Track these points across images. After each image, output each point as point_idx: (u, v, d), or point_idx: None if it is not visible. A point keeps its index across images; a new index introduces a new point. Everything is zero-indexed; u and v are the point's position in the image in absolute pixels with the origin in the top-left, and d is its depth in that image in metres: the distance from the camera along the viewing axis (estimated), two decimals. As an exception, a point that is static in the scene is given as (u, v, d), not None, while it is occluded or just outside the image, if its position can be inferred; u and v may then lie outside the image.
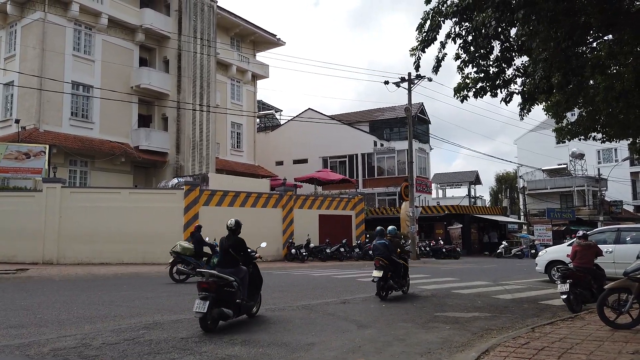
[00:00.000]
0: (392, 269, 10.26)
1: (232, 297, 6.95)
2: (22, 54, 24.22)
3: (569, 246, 13.24)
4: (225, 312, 6.74)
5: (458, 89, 9.46)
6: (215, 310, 6.62)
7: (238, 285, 7.11)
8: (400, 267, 10.54)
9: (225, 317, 6.79)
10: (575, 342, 5.73)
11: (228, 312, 6.80)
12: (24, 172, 20.49)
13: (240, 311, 7.27)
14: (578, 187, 43.65)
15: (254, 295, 7.79)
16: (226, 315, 6.78)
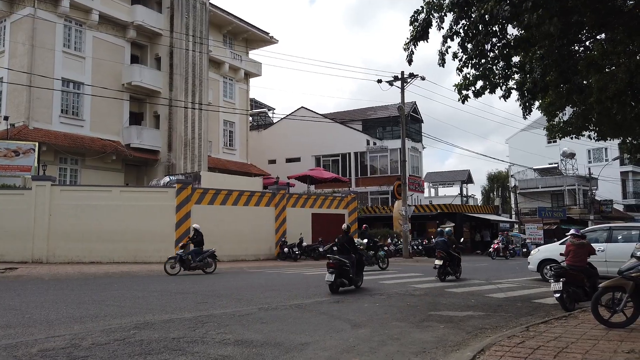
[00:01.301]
0: (449, 259, 13.82)
1: (347, 273, 10.94)
2: (11, 50, 23.89)
3: (561, 244, 13.30)
4: (343, 281, 10.89)
5: (460, 89, 9.44)
6: (338, 280, 10.70)
7: (350, 266, 10.97)
8: (455, 258, 14.19)
9: (343, 284, 10.92)
10: (570, 341, 5.71)
11: (345, 281, 10.93)
12: (13, 169, 20.22)
13: (351, 283, 11.20)
14: (569, 187, 43.99)
15: (359, 274, 11.67)
16: (344, 283, 10.94)
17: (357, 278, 11.57)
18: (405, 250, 25.60)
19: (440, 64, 8.70)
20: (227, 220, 21.17)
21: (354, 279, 11.25)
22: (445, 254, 13.66)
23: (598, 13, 8.10)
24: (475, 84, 9.22)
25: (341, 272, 10.79)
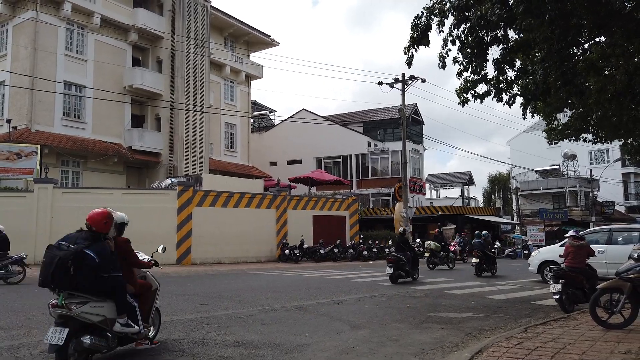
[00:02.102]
0: (485, 258, 16.08)
1: (403, 267, 13.31)
2: (13, 53, 24.02)
3: (561, 246, 13.32)
4: (401, 273, 13.26)
5: (460, 93, 9.49)
6: (396, 272, 13.17)
7: (405, 261, 13.34)
8: (490, 257, 16.47)
9: (401, 276, 13.28)
10: (568, 342, 5.74)
11: (402, 274, 13.28)
12: (15, 172, 20.31)
13: (408, 275, 13.49)
14: (570, 188, 43.94)
15: (415, 268, 13.95)
16: (402, 275, 13.30)
17: (413, 271, 13.88)
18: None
19: (440, 66, 8.75)
20: (228, 223, 21.23)
21: (410, 272, 13.66)
22: (481, 253, 16.04)
23: (596, 15, 8.14)
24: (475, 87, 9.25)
25: (398, 266, 13.29)
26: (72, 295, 4.64)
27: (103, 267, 4.72)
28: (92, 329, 4.70)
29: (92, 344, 4.61)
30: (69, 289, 4.63)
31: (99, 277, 4.70)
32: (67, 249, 4.73)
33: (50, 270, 4.61)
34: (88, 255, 4.65)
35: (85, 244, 4.77)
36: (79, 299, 4.65)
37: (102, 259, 4.72)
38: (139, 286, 5.55)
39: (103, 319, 4.73)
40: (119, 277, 4.94)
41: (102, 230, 5.09)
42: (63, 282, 4.59)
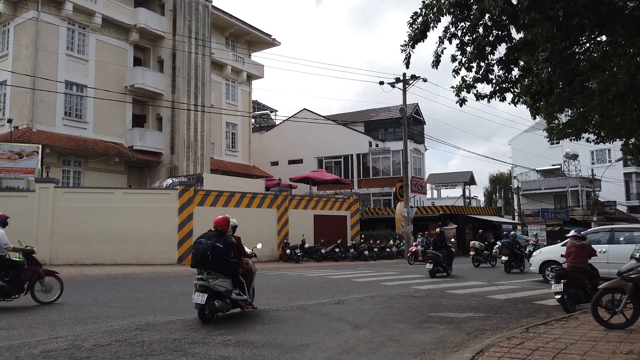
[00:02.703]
0: (513, 256, 17.71)
1: (441, 263, 15.43)
2: (15, 53, 24.04)
3: (562, 246, 13.29)
4: (439, 269, 15.39)
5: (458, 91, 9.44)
6: (435, 268, 15.23)
7: (442, 258, 15.47)
8: (518, 256, 18.09)
9: (439, 271, 15.40)
10: (569, 342, 5.72)
11: (440, 269, 15.45)
12: (16, 172, 20.33)
13: (444, 270, 15.57)
14: (572, 188, 43.87)
15: (450, 264, 15.97)
16: (439, 270, 15.43)
17: (448, 267, 15.85)
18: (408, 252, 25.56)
19: (434, 65, 8.71)
20: (229, 222, 21.21)
21: (446, 268, 15.68)
22: (510, 252, 17.56)
23: (598, 14, 8.12)
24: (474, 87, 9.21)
25: (437, 262, 15.39)
26: (210, 274, 7.17)
27: (226, 252, 7.23)
28: (219, 296, 7.23)
29: (219, 306, 7.23)
30: (208, 269, 7.18)
31: (225, 260, 7.22)
32: (206, 244, 7.21)
33: (197, 257, 7.24)
34: (218, 246, 7.16)
35: (215, 240, 7.26)
36: (213, 276, 7.19)
37: (225, 247, 7.23)
38: (245, 269, 8.00)
39: (226, 289, 7.28)
40: (235, 262, 7.49)
41: (224, 230, 7.51)
42: (205, 264, 7.18)
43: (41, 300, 8.95)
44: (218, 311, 7.31)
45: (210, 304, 7.14)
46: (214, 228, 7.48)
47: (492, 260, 21.45)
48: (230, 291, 7.34)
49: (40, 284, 9.05)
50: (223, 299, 7.28)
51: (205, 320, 7.12)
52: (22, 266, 8.88)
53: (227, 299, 7.33)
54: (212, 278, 7.16)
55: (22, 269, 8.86)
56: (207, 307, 7.14)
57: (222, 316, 7.54)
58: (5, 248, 8.82)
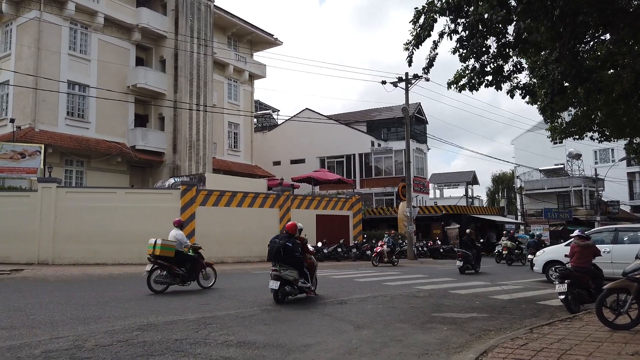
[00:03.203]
0: None
1: (470, 261, 17.00)
2: (17, 53, 24.06)
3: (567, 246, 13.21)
4: (468, 266, 16.90)
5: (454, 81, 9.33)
6: (465, 265, 16.83)
7: (472, 257, 17.02)
8: None
9: (468, 269, 16.90)
10: (574, 343, 5.67)
11: (469, 266, 16.95)
12: (19, 171, 20.35)
13: (473, 268, 17.18)
14: (575, 188, 43.71)
15: (478, 263, 17.58)
16: (469, 268, 16.93)
17: (477, 265, 17.46)
18: (410, 252, 25.52)
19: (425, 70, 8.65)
20: (231, 222, 21.20)
21: (475, 265, 17.30)
22: (535, 251, 17.90)
23: (602, 13, 8.06)
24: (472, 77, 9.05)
25: (466, 260, 16.96)
26: (282, 266, 9.26)
27: (294, 250, 9.33)
28: (289, 283, 9.31)
29: (289, 290, 9.34)
30: (280, 262, 9.27)
31: (293, 255, 9.31)
32: (278, 243, 9.33)
33: (272, 253, 9.33)
34: (287, 245, 9.27)
35: (285, 240, 9.39)
36: (284, 267, 9.26)
37: (293, 246, 9.36)
38: (309, 263, 10.03)
39: (293, 278, 9.32)
40: (300, 258, 9.54)
41: (293, 232, 9.69)
42: (278, 259, 9.27)
43: (203, 285, 11.61)
44: (288, 295, 9.43)
45: (281, 289, 9.25)
46: (285, 231, 9.82)
47: (523, 259, 22.68)
48: (297, 280, 9.42)
49: (202, 273, 11.65)
50: (292, 286, 9.38)
51: (279, 301, 9.23)
52: (196, 260, 11.47)
53: (295, 286, 9.40)
54: (283, 269, 9.26)
55: (196, 261, 11.45)
56: (280, 292, 9.24)
57: (291, 299, 9.59)
58: (185, 246, 11.50)
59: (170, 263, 10.88)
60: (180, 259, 11.10)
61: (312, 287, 10.00)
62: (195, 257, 11.48)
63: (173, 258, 10.94)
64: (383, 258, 20.74)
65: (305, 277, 9.68)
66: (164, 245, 10.92)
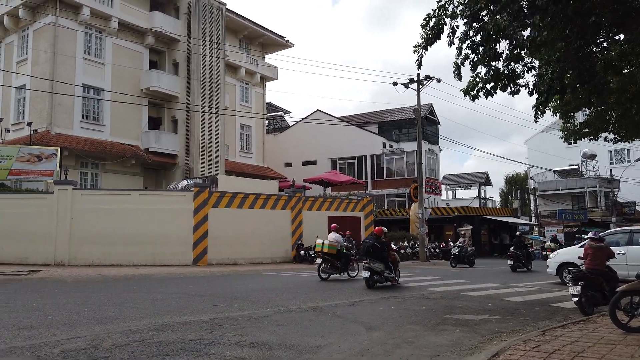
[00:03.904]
0: None
1: (520, 260, 18.82)
2: (34, 57, 24.52)
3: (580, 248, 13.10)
4: (519, 265, 18.91)
5: (468, 89, 9.38)
6: (516, 264, 18.90)
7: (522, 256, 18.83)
8: None
9: (520, 267, 19.02)
10: (587, 346, 5.65)
11: (520, 265, 19.01)
12: (36, 174, 20.72)
13: (524, 266, 19.13)
14: (590, 188, 43.18)
15: (529, 261, 19.48)
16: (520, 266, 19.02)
17: (528, 263, 19.40)
18: (422, 254, 25.47)
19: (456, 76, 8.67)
20: (243, 224, 21.34)
21: (526, 264, 19.18)
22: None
23: (615, 13, 8.01)
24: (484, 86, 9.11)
25: (517, 259, 18.93)
26: (372, 260, 12.09)
27: (381, 248, 12.19)
28: (377, 273, 12.05)
29: (377, 279, 12.12)
30: (370, 258, 12.14)
31: (380, 253, 12.14)
32: (369, 243, 12.34)
33: (364, 250, 12.34)
34: (376, 245, 12.19)
35: (374, 240, 12.38)
36: (373, 261, 12.08)
37: (380, 245, 12.25)
38: (393, 259, 12.69)
39: (381, 270, 12.03)
40: (386, 254, 12.31)
41: (380, 235, 12.66)
42: (369, 255, 12.16)
43: (350, 275, 14.79)
44: (376, 282, 12.25)
45: (371, 278, 12.16)
46: (374, 234, 13.02)
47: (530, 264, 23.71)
48: (383, 271, 12.17)
49: (350, 266, 14.78)
50: (380, 275, 12.16)
51: (369, 287, 12.08)
52: (348, 256, 14.70)
53: (382, 276, 12.17)
54: (372, 263, 12.14)
55: (349, 257, 14.68)
56: (370, 280, 12.15)
57: (379, 286, 12.34)
58: (341, 246, 14.56)
59: (333, 258, 14.22)
60: (339, 256, 14.36)
61: (395, 278, 12.55)
62: (348, 254, 14.71)
63: (335, 255, 14.23)
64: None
65: (390, 269, 12.35)
66: (330, 245, 14.19)
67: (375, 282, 12.20)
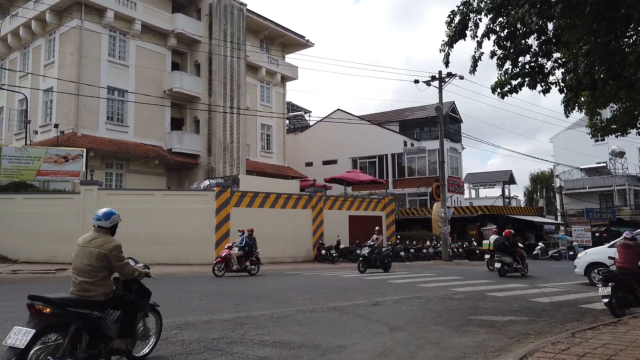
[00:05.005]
0: None
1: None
2: (60, 60, 25.09)
3: (610, 247, 12.74)
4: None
5: (496, 86, 9.19)
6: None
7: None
8: None
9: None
10: (619, 349, 5.46)
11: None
12: (62, 175, 21.18)
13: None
14: (618, 187, 41.99)
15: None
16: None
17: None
18: (445, 253, 25.15)
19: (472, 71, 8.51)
20: (264, 223, 21.39)
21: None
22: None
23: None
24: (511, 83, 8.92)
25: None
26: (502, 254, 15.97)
27: (510, 246, 16.03)
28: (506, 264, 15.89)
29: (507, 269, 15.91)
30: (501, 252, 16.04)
31: (509, 248, 15.99)
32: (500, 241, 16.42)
33: (496, 246, 16.62)
34: (505, 243, 16.03)
35: (504, 239, 16.16)
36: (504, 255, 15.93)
37: (508, 242, 16.03)
38: (519, 253, 16.22)
39: (510, 262, 15.86)
40: (514, 249, 16.00)
41: (509, 236, 16.28)
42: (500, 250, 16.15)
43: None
44: (507, 272, 15.62)
45: (502, 268, 15.62)
46: (504, 235, 16.39)
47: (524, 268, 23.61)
48: (512, 263, 15.65)
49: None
50: (509, 266, 15.68)
51: (501, 275, 15.61)
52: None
53: (511, 267, 15.64)
54: (502, 256, 15.71)
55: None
56: (501, 270, 15.62)
57: (509, 275, 15.47)
58: None
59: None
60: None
61: (524, 270, 15.99)
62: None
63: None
64: (231, 266, 15.30)
65: (518, 262, 15.81)
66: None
67: (505, 272, 15.66)
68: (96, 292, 4.54)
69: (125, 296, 4.92)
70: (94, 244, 4.83)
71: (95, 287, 4.55)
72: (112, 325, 4.61)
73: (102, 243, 4.84)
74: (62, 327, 4.15)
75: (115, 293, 4.77)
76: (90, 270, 4.57)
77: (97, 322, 4.43)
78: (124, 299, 4.84)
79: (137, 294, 5.18)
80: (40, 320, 4.02)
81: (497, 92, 9.15)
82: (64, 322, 4.17)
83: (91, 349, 4.34)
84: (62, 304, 4.27)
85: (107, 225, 5.19)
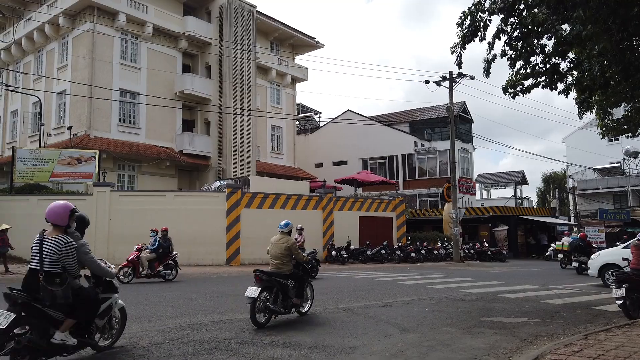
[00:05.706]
0: None
1: None
2: (73, 63, 25.41)
3: (624, 249, 12.58)
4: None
5: (507, 87, 9.14)
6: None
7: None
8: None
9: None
10: (633, 351, 5.39)
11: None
12: (76, 176, 21.43)
13: None
14: (633, 187, 41.44)
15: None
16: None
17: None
18: (456, 254, 25.01)
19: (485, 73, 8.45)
20: (275, 224, 21.35)
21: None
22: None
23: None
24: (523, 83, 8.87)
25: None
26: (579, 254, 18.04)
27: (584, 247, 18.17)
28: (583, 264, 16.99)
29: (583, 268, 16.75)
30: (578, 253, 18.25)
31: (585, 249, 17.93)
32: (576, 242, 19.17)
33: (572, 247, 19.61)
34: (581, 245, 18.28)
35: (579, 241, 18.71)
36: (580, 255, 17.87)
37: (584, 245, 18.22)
38: None
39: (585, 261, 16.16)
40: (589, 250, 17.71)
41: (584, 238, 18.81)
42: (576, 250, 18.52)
43: None
44: (583, 271, 16.28)
45: (580, 267, 17.27)
46: (580, 237, 18.48)
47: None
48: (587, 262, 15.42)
49: None
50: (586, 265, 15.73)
51: (579, 273, 17.20)
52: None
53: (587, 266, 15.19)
54: (580, 256, 17.56)
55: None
56: (579, 268, 17.17)
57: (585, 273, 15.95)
58: None
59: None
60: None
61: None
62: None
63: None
64: (139, 271, 13.59)
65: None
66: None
67: (583, 270, 16.66)
68: (284, 269, 7.67)
69: (298, 273, 7.86)
70: (282, 242, 7.88)
71: (284, 266, 7.69)
72: (292, 290, 7.65)
73: (285, 241, 7.86)
74: (270, 289, 7.31)
75: (293, 271, 7.81)
76: (281, 256, 7.71)
77: (286, 287, 7.48)
78: (298, 275, 7.82)
79: (304, 271, 8.16)
80: (261, 283, 7.27)
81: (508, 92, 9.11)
82: (271, 285, 7.34)
83: (283, 302, 7.44)
84: (270, 274, 7.46)
85: (286, 231, 8.24)
